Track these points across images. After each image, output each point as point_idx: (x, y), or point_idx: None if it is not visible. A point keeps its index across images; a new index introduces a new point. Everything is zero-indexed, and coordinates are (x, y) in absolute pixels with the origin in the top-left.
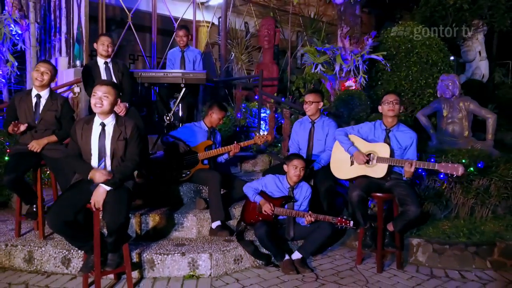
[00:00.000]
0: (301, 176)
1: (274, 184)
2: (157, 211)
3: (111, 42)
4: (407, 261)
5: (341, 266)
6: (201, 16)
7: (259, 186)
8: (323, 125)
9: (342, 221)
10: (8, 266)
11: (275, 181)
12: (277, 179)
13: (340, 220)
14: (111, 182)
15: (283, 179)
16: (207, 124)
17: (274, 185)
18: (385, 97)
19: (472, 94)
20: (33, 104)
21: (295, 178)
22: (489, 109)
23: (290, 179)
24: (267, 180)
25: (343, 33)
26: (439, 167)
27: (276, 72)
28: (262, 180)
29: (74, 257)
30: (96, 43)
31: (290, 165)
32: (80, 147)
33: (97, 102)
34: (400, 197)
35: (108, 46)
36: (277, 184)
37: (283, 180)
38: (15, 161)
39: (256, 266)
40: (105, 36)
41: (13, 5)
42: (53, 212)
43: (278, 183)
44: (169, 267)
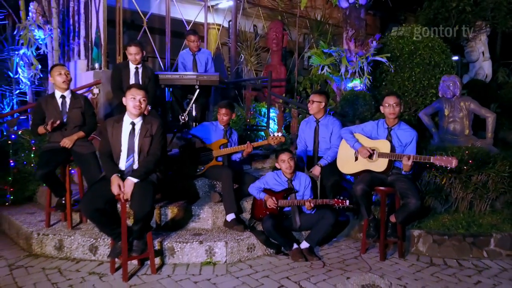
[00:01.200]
0: (292, 167)
1: (274, 180)
2: (175, 204)
3: (139, 50)
4: (408, 251)
5: (347, 255)
6: (211, 19)
7: (261, 184)
8: (327, 123)
9: (339, 201)
10: (40, 253)
11: (274, 176)
12: (275, 174)
13: (337, 200)
14: (137, 175)
15: (280, 174)
16: (222, 123)
17: (274, 180)
18: (386, 99)
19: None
20: (59, 105)
21: (288, 170)
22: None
23: (285, 173)
24: (267, 177)
25: (349, 35)
26: (434, 160)
27: (284, 74)
28: (263, 179)
29: (101, 245)
30: (126, 51)
31: (279, 161)
32: (110, 144)
33: (137, 105)
34: (401, 190)
35: (136, 55)
36: (276, 179)
37: (281, 174)
38: (48, 156)
39: (268, 254)
40: (131, 46)
41: (37, 11)
42: (86, 200)
43: (277, 178)
44: (188, 254)
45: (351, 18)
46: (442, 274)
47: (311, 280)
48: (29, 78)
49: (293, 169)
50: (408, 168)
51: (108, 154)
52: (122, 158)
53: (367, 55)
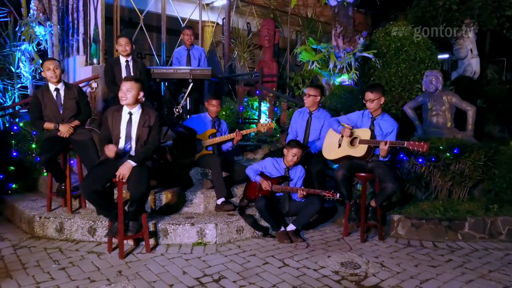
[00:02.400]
0: (295, 162)
1: (272, 166)
2: (169, 190)
3: (128, 41)
4: (388, 234)
5: (330, 238)
6: (206, 16)
7: (259, 167)
8: (319, 116)
9: (330, 193)
10: (42, 235)
11: (273, 163)
12: (274, 161)
13: (328, 192)
14: (136, 159)
15: (280, 161)
16: (210, 114)
17: (272, 166)
18: (365, 95)
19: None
20: (54, 97)
21: (292, 163)
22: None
23: (287, 162)
24: (266, 162)
25: (337, 32)
26: (408, 145)
27: (276, 69)
28: (262, 163)
29: (99, 227)
30: (116, 44)
31: (290, 151)
32: (110, 131)
33: (122, 96)
34: (379, 176)
35: (126, 45)
36: (275, 165)
37: (280, 162)
38: (50, 143)
39: (256, 237)
40: (121, 37)
41: (38, 8)
42: (86, 182)
43: (276, 164)
44: (180, 235)
45: (340, 15)
46: (417, 253)
47: (295, 258)
48: (30, 72)
49: (294, 164)
50: (384, 153)
51: (108, 140)
52: (120, 144)
53: (354, 51)
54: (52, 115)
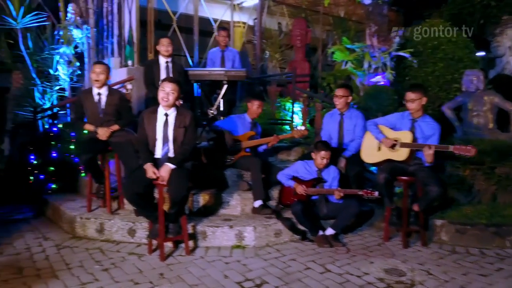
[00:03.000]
0: (325, 165)
1: (304, 169)
2: (206, 192)
3: (170, 42)
4: (431, 240)
5: (370, 243)
6: (236, 17)
7: (291, 172)
8: (351, 116)
9: (368, 192)
10: (83, 236)
11: (304, 166)
12: (305, 164)
13: (366, 191)
14: (175, 162)
15: (311, 163)
16: (250, 116)
17: (304, 169)
18: (406, 94)
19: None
20: (96, 101)
21: (321, 166)
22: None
23: (317, 165)
24: (297, 166)
25: (371, 31)
26: (454, 149)
27: (308, 69)
28: (293, 167)
29: (139, 228)
30: (158, 46)
31: (318, 155)
32: (146, 133)
33: (165, 96)
34: (422, 179)
35: (168, 45)
36: (306, 168)
37: (311, 164)
38: (90, 144)
39: (294, 240)
40: (164, 38)
41: (75, 12)
42: (127, 185)
43: (307, 167)
44: (219, 237)
45: (374, 14)
46: (464, 261)
47: (336, 263)
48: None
49: (325, 166)
50: (430, 159)
51: (144, 143)
52: (158, 147)
53: (390, 51)
54: (92, 118)
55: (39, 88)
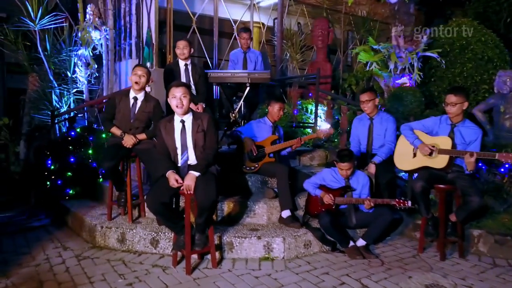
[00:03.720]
0: (348, 176)
1: (331, 176)
2: (230, 199)
3: (186, 44)
4: (468, 251)
5: (404, 254)
6: (255, 17)
7: (318, 180)
8: (381, 120)
9: (401, 202)
10: (103, 246)
11: (331, 173)
12: (333, 171)
13: (398, 201)
14: (199, 168)
15: (338, 171)
16: (270, 119)
17: (331, 177)
18: (446, 97)
19: None
20: (130, 105)
21: (345, 176)
22: None
23: (342, 175)
24: (324, 174)
25: (397, 31)
26: (500, 157)
27: (329, 70)
28: (320, 175)
29: (162, 238)
30: (176, 48)
31: (339, 165)
32: (166, 143)
33: (178, 103)
34: (463, 188)
35: (184, 48)
36: (333, 176)
37: (338, 171)
38: (114, 150)
39: (324, 251)
40: (180, 40)
41: (94, 13)
42: (152, 194)
43: (334, 175)
44: (246, 249)
45: (400, 13)
46: (508, 275)
47: (372, 278)
48: (86, 77)
49: (347, 177)
50: (472, 167)
51: (164, 153)
52: (179, 155)
53: (417, 51)
54: (121, 122)
55: (56, 91)
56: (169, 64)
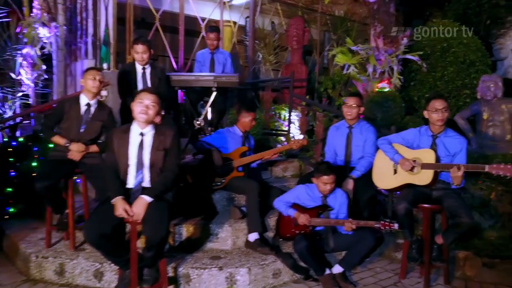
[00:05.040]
0: (331, 190)
1: (306, 194)
2: (190, 221)
3: (146, 49)
4: (453, 275)
5: (385, 281)
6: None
7: (290, 198)
8: (361, 130)
9: (386, 224)
10: (39, 278)
11: (306, 191)
12: (308, 188)
13: (384, 223)
14: (153, 194)
15: (314, 188)
16: (241, 129)
17: (306, 195)
18: (432, 104)
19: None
20: (82, 113)
21: (326, 192)
22: None
23: (321, 191)
24: (298, 191)
25: (377, 32)
26: (490, 169)
27: (305, 73)
28: (293, 192)
29: (107, 270)
30: (132, 50)
31: (319, 182)
32: (116, 158)
33: (143, 110)
34: (451, 208)
35: (143, 54)
36: (308, 193)
37: (314, 189)
38: (51, 168)
39: (295, 281)
40: (138, 44)
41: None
42: (90, 224)
43: (309, 192)
44: (205, 282)
45: (380, 13)
46: None
47: None
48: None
49: (330, 192)
50: (459, 181)
51: (113, 170)
52: (131, 175)
53: (397, 53)
54: (68, 132)
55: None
56: (125, 65)
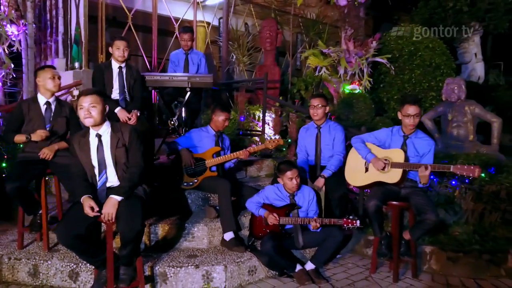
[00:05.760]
0: (298, 184)
1: (274, 194)
2: (166, 221)
3: (126, 45)
4: (421, 269)
5: (356, 276)
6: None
7: (260, 199)
8: (329, 129)
9: (348, 221)
10: (11, 281)
11: (275, 191)
12: (275, 188)
13: (346, 221)
14: (121, 192)
15: (282, 188)
16: (214, 128)
17: (274, 194)
18: (406, 108)
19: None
20: (43, 112)
21: (294, 189)
22: None
23: (288, 190)
24: (267, 191)
25: (347, 35)
26: (455, 169)
27: (278, 75)
28: (262, 193)
29: (83, 270)
30: (111, 47)
31: (284, 178)
32: (80, 162)
33: (86, 114)
34: (417, 205)
35: (124, 50)
36: (276, 193)
37: (282, 188)
38: (21, 169)
39: (271, 277)
40: (120, 40)
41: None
42: (63, 226)
43: (277, 192)
44: (182, 280)
45: (350, 17)
46: None
47: None
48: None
49: (298, 187)
50: (426, 180)
51: (80, 174)
52: (96, 176)
53: (367, 56)
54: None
55: None
56: (100, 64)
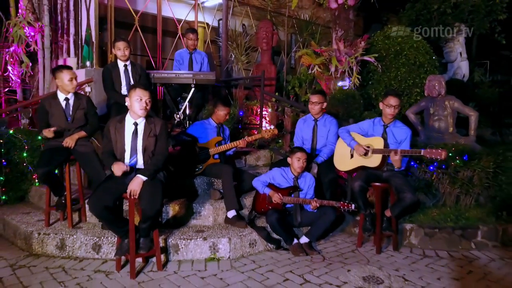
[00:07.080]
0: (303, 167)
1: (281, 176)
2: (176, 202)
3: (127, 45)
4: (401, 244)
5: (344, 249)
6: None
7: (267, 178)
8: (325, 122)
9: (345, 204)
10: (41, 253)
11: (281, 172)
12: (282, 171)
13: (343, 204)
14: (147, 173)
15: (288, 171)
16: (215, 120)
17: (281, 176)
18: (388, 99)
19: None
20: (63, 107)
21: (299, 169)
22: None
23: (294, 170)
24: (274, 173)
25: (338, 36)
26: (424, 153)
27: (274, 73)
28: (270, 173)
29: (104, 243)
30: (114, 49)
31: (294, 157)
32: (113, 143)
33: (143, 106)
34: (396, 186)
35: (125, 50)
36: (283, 175)
37: (288, 171)
38: (49, 155)
39: (269, 250)
40: (119, 41)
41: (27, 8)
42: (95, 198)
43: (284, 174)
44: (192, 250)
45: (340, 19)
46: (435, 265)
47: (314, 273)
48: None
49: (303, 170)
50: (398, 164)
51: (110, 153)
52: (126, 158)
53: (356, 55)
54: (59, 126)
55: None
56: (108, 64)
